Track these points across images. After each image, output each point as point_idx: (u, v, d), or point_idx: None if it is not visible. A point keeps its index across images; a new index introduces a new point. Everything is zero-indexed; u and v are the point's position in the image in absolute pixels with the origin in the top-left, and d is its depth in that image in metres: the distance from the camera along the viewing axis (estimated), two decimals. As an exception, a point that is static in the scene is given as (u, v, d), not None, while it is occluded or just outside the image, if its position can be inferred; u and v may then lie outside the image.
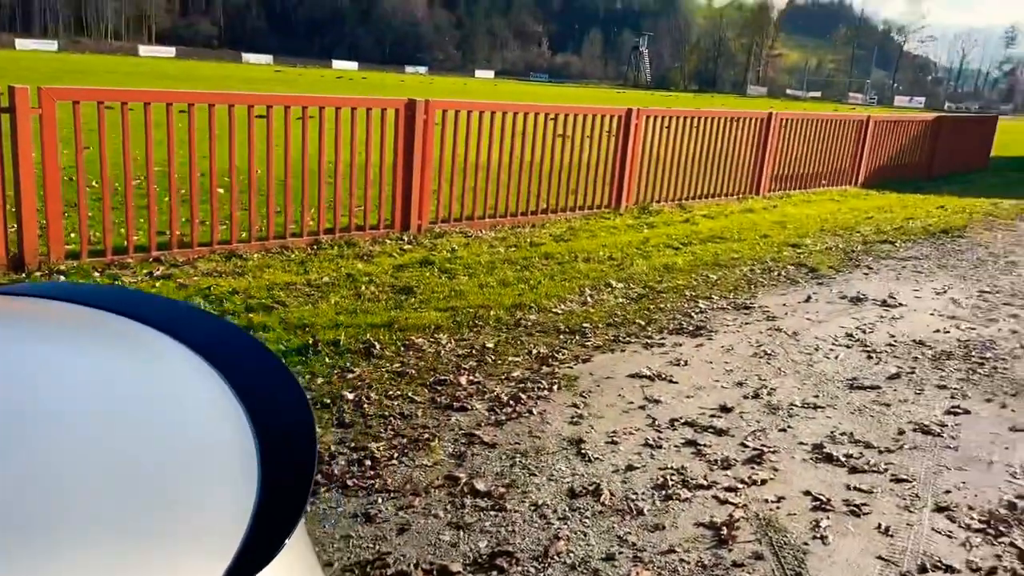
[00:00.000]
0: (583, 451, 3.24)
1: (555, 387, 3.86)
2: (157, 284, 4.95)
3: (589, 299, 5.41)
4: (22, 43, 79.51)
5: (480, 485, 2.90)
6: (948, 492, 3.18)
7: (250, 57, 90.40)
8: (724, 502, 2.97)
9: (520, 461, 3.12)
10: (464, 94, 36.38)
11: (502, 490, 2.89)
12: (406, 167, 6.67)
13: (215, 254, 5.68)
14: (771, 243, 7.90)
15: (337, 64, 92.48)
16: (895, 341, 5.12)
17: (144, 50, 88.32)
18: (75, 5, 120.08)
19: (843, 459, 3.39)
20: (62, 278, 4.88)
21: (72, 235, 5.55)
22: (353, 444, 3.12)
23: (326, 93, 6.85)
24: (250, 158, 5.79)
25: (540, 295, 5.35)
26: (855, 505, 3.02)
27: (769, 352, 4.71)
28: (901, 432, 3.73)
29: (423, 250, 6.32)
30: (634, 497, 2.94)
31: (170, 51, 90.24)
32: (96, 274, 5.01)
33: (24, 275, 4.85)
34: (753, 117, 10.54)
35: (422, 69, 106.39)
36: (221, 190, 5.75)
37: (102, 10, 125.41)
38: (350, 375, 3.77)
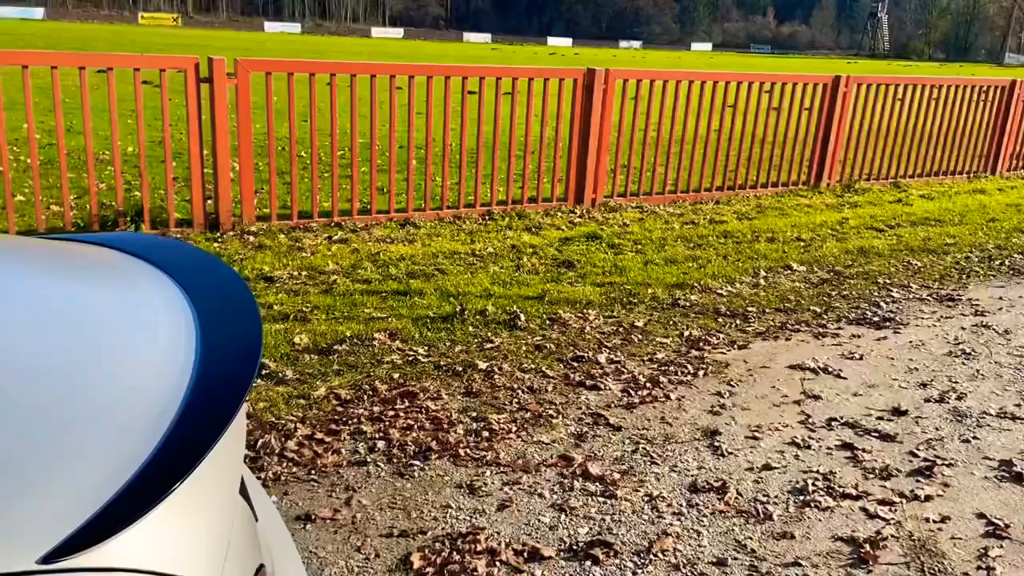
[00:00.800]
0: (717, 444, 2.98)
1: (701, 372, 3.59)
2: (333, 248, 5.20)
3: (762, 281, 5.01)
4: (270, 26, 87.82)
5: (594, 469, 2.75)
6: None
7: (471, 36, 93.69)
8: (873, 516, 2.61)
9: (643, 448, 2.93)
10: (675, 67, 35.35)
11: (616, 476, 2.72)
12: (582, 139, 6.52)
13: (392, 221, 5.89)
14: (999, 228, 6.91)
15: (552, 41, 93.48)
16: None
17: (376, 32, 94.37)
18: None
19: (1039, 482, 2.87)
20: (251, 239, 5.27)
21: (265, 199, 5.98)
22: (475, 414, 3.09)
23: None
24: (427, 129, 5.92)
25: (707, 275, 5.03)
26: (1043, 538, 2.54)
27: (968, 351, 4.10)
28: (1125, 457, 3.10)
29: (593, 224, 6.17)
30: (764, 500, 2.66)
31: (398, 32, 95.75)
32: (281, 236, 5.36)
33: (219, 234, 5.29)
34: (991, 85, 9.25)
35: (636, 43, 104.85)
36: (415, 162, 5.92)
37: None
38: (488, 345, 3.74)
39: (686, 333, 4.06)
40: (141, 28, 68.50)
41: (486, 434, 2.94)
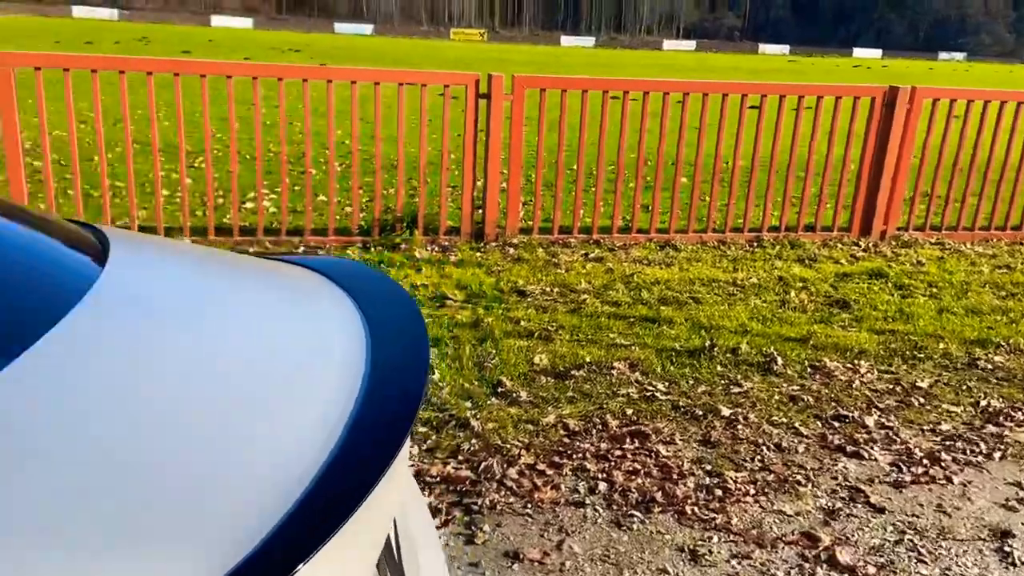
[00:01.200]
0: (1008, 549, 2.43)
1: (997, 455, 2.98)
2: (588, 266, 5.14)
3: (1095, 347, 4.10)
4: (566, 40, 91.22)
5: (844, 556, 2.36)
6: None
7: (767, 48, 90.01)
8: None
9: (910, 539, 2.46)
10: (1005, 82, 31.05)
11: (871, 570, 2.31)
12: (876, 163, 5.84)
13: (651, 242, 5.70)
14: None
15: (859, 52, 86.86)
16: None
17: (668, 44, 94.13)
18: (616, 5, 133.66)
19: None
20: (511, 250, 5.37)
21: (530, 212, 6.07)
22: (709, 467, 2.81)
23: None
24: (700, 146, 5.65)
25: (1019, 332, 4.22)
26: None
27: None
28: None
29: (879, 260, 5.48)
30: (1070, 637, 2.10)
31: (690, 44, 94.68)
32: (540, 250, 5.40)
33: (483, 244, 5.46)
34: None
35: (959, 55, 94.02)
36: (684, 179, 5.70)
37: (639, 9, 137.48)
38: (736, 389, 3.41)
39: (983, 402, 3.41)
40: (452, 43, 74.59)
41: (719, 492, 2.66)
